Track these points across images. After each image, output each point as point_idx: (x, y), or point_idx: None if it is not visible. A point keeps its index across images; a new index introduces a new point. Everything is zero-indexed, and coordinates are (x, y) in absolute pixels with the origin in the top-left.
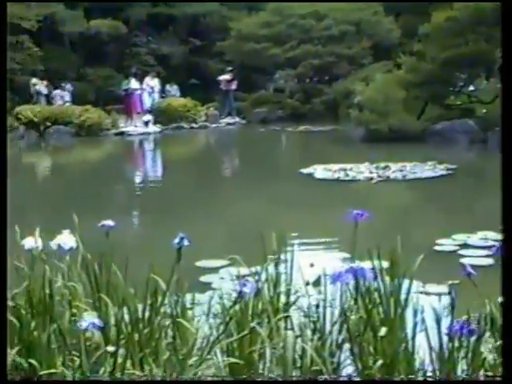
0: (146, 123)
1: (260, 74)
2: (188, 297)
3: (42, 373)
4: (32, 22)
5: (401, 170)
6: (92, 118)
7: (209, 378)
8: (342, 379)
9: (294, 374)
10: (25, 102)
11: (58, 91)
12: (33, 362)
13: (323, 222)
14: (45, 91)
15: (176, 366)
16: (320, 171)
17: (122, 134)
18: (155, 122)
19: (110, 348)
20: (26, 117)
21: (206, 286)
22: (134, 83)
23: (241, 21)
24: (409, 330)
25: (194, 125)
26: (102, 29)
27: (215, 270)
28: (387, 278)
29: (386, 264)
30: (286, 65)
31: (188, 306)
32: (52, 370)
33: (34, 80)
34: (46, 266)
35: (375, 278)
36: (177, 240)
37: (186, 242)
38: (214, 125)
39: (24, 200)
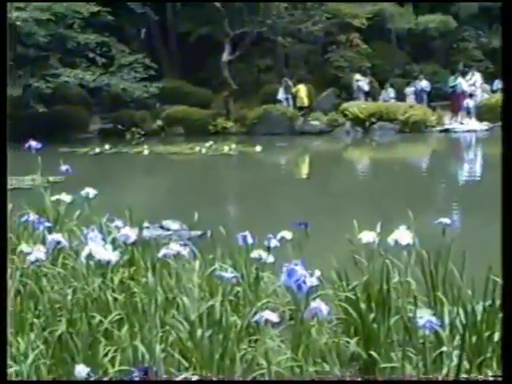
0: (471, 120)
1: None
2: None
3: (383, 365)
4: (362, 20)
5: None
6: (417, 114)
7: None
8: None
9: None
10: (351, 98)
11: (411, 89)
12: (373, 353)
13: None
14: (366, 88)
15: None
16: None
17: (446, 130)
18: (483, 120)
19: (447, 349)
20: (352, 113)
21: None
22: (461, 81)
23: None
24: None
25: None
26: (431, 24)
27: None
28: None
29: None
30: None
31: None
32: (393, 364)
33: (357, 76)
34: (387, 261)
35: None
36: None
37: None
38: None
39: (346, 193)
